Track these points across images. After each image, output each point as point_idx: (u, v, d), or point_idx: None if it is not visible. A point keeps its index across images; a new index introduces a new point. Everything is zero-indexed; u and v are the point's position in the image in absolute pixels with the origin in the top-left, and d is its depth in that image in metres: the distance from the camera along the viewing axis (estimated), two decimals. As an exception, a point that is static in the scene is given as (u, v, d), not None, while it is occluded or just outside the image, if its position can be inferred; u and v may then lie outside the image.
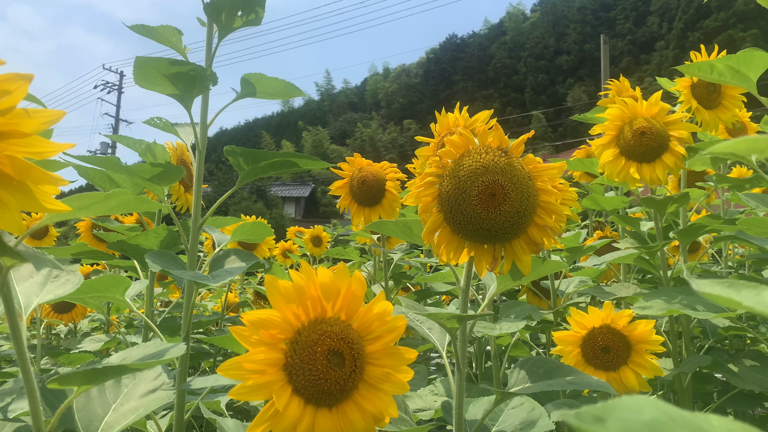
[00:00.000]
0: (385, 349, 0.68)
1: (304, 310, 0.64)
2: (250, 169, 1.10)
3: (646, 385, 1.17)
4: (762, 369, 1.62)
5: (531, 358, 1.00)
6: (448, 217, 0.92)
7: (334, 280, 0.65)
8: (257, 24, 1.14)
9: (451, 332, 0.95)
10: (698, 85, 1.74)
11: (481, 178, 0.89)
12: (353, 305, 0.67)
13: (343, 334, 0.65)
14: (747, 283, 0.39)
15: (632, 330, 1.16)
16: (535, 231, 0.94)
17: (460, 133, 0.93)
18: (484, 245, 0.94)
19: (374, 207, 1.81)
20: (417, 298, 2.07)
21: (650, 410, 0.28)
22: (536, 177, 0.95)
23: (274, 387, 0.61)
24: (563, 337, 1.19)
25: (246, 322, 0.61)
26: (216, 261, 1.09)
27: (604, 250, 2.19)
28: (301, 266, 0.70)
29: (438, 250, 0.94)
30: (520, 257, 0.94)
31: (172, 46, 1.11)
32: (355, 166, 1.83)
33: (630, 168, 1.46)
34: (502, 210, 0.89)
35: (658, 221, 1.56)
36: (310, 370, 0.62)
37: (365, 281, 0.68)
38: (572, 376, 0.91)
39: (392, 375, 0.68)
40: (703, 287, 0.38)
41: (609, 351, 1.16)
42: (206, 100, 1.13)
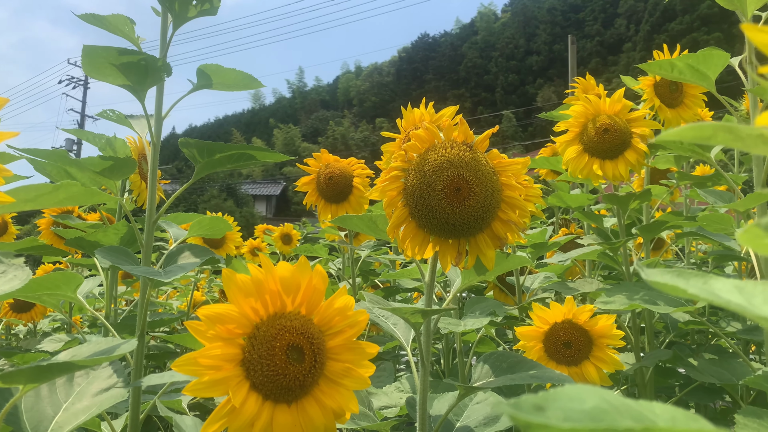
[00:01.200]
0: (346, 344, 0.68)
1: (262, 305, 0.63)
2: (206, 161, 1.08)
3: (607, 379, 1.19)
4: (720, 362, 1.66)
5: (495, 353, 1.00)
6: (414, 211, 0.92)
7: (295, 274, 0.64)
8: (213, 14, 1.12)
9: (415, 327, 0.94)
10: (661, 84, 1.78)
11: (446, 172, 0.89)
12: (314, 300, 0.66)
13: (303, 328, 0.64)
14: (697, 273, 0.40)
15: (593, 325, 1.17)
16: (499, 226, 0.94)
17: (425, 128, 0.93)
18: (449, 240, 0.94)
19: (341, 203, 1.80)
20: (385, 295, 2.06)
21: (592, 399, 0.27)
22: (501, 172, 0.95)
23: (230, 383, 0.59)
24: (526, 332, 1.20)
25: (202, 316, 0.59)
26: (170, 257, 1.07)
27: (569, 247, 2.22)
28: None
29: (403, 244, 0.94)
30: (484, 252, 0.94)
31: (124, 36, 1.08)
32: (322, 162, 1.81)
33: (593, 165, 1.48)
34: (467, 204, 0.89)
35: (620, 217, 1.59)
36: (269, 366, 0.61)
37: (327, 275, 0.67)
38: (534, 370, 0.91)
39: (353, 370, 0.67)
40: (653, 276, 0.38)
41: (571, 346, 1.18)
42: (161, 92, 1.10)
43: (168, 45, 1.13)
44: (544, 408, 0.26)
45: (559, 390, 0.29)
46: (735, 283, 0.38)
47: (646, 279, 0.38)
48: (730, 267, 2.61)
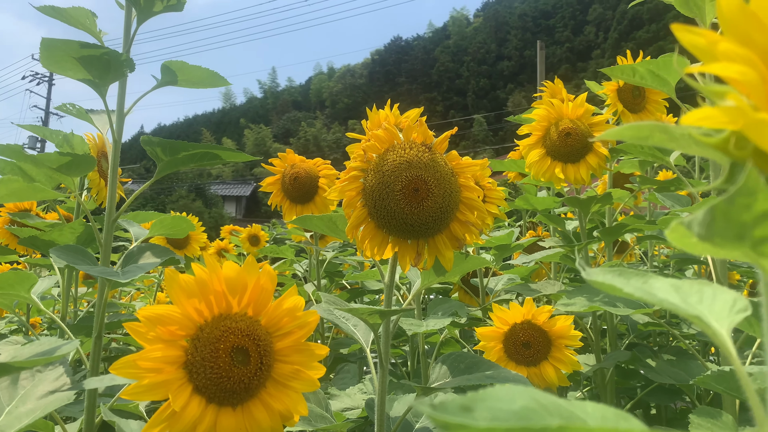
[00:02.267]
0: (295, 346, 0.66)
1: (207, 306, 0.61)
2: (169, 160, 1.06)
3: (565, 379, 1.20)
4: (678, 363, 1.69)
5: (453, 354, 1.00)
6: (372, 211, 0.91)
7: (241, 274, 0.63)
8: (179, 9, 1.09)
9: (373, 328, 0.93)
10: (624, 89, 1.80)
11: (404, 173, 0.88)
12: (261, 300, 0.65)
13: (249, 330, 0.62)
14: (638, 273, 0.40)
15: (552, 325, 1.18)
16: (457, 227, 0.94)
17: (385, 128, 0.92)
18: (407, 240, 0.94)
19: (307, 204, 1.78)
20: (351, 297, 2.05)
21: (522, 399, 0.27)
22: (459, 173, 0.95)
23: (171, 386, 0.57)
24: (486, 333, 1.20)
25: (142, 318, 0.57)
26: (129, 257, 1.04)
27: (533, 249, 2.24)
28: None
29: (362, 245, 0.93)
30: (443, 252, 0.94)
31: (86, 30, 1.05)
32: (288, 162, 1.79)
33: (555, 168, 1.50)
34: (425, 205, 0.89)
35: (582, 220, 1.60)
36: (212, 368, 0.59)
37: (275, 275, 0.66)
38: (491, 370, 0.91)
39: (302, 372, 0.66)
40: (593, 276, 0.38)
41: (530, 346, 1.18)
42: (123, 88, 1.08)
43: (132, 40, 1.11)
44: (472, 408, 0.26)
45: (489, 390, 0.28)
46: (672, 283, 0.37)
47: (586, 278, 0.38)
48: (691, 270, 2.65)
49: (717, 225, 0.22)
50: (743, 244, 0.22)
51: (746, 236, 0.22)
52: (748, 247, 0.22)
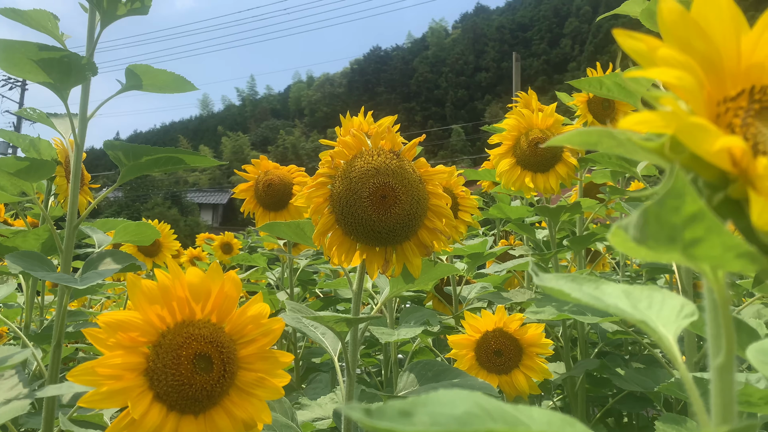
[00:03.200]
0: (259, 353, 0.66)
1: (169, 312, 0.60)
2: (132, 165, 1.04)
3: (536, 387, 1.20)
4: (646, 371, 1.71)
5: (422, 362, 1.00)
6: (340, 218, 0.91)
7: (205, 280, 0.62)
8: (144, 13, 1.09)
9: (340, 336, 0.93)
10: (594, 101, 1.83)
11: (372, 179, 0.89)
12: (226, 307, 0.64)
13: (213, 337, 0.61)
14: (591, 279, 0.40)
15: (523, 333, 1.18)
16: (425, 234, 0.94)
17: (353, 134, 0.92)
18: (375, 248, 0.94)
19: (280, 211, 1.77)
20: (324, 305, 2.04)
21: (465, 404, 0.27)
22: (427, 181, 0.95)
23: (131, 393, 0.56)
24: (458, 340, 1.20)
25: (102, 323, 0.56)
26: (90, 263, 1.02)
27: (506, 258, 2.25)
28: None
29: (330, 252, 0.93)
30: (411, 260, 0.94)
31: (47, 32, 1.03)
32: (261, 169, 1.78)
33: (525, 177, 1.51)
34: (393, 212, 0.89)
35: (552, 229, 1.62)
36: (174, 375, 0.58)
37: (240, 282, 0.65)
38: (459, 378, 0.91)
39: (266, 380, 0.65)
40: (545, 281, 0.38)
41: (501, 354, 1.19)
42: (86, 92, 1.06)
43: (95, 43, 1.09)
44: (411, 413, 0.26)
45: (432, 395, 0.28)
46: (624, 289, 0.38)
47: (537, 283, 0.38)
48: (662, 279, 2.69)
49: (650, 228, 0.22)
50: (675, 246, 0.22)
51: (677, 238, 0.22)
52: (679, 250, 0.22)
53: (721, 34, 0.28)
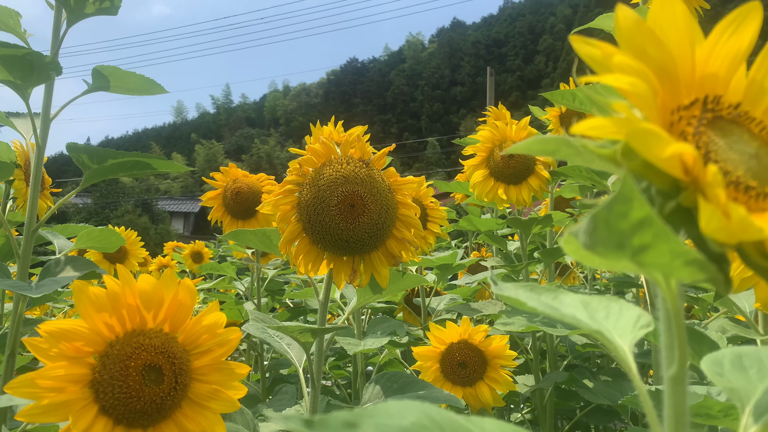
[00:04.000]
0: (214, 364, 0.63)
1: (118, 321, 0.58)
2: (96, 168, 1.01)
3: (500, 400, 1.20)
4: (613, 384, 1.72)
5: (387, 373, 0.98)
6: (307, 227, 0.89)
7: (157, 287, 0.60)
8: (113, 13, 1.06)
9: (305, 347, 0.91)
10: (567, 115, 1.85)
11: (340, 188, 0.87)
12: (179, 316, 0.62)
13: (164, 347, 0.59)
14: (550, 289, 0.39)
15: (488, 345, 1.18)
16: (393, 244, 0.93)
17: (322, 142, 0.91)
18: (343, 257, 0.92)
19: (249, 220, 1.75)
20: (291, 316, 2.01)
21: (413, 415, 0.26)
22: (397, 190, 0.94)
23: (74, 407, 0.54)
24: (423, 352, 1.19)
25: (43, 332, 0.54)
26: (47, 270, 0.99)
27: (477, 269, 2.26)
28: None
29: (296, 260, 0.91)
30: (379, 270, 0.93)
31: (9, 30, 1.00)
32: (230, 177, 1.75)
33: (498, 189, 1.52)
34: (361, 221, 0.88)
35: (523, 241, 1.63)
36: (121, 387, 0.56)
37: (195, 290, 0.63)
38: (424, 390, 0.90)
39: (221, 392, 0.63)
40: (503, 290, 0.37)
41: (466, 366, 1.18)
42: (50, 92, 1.03)
43: (61, 42, 1.07)
44: (357, 425, 0.24)
45: (380, 406, 0.27)
46: (582, 299, 0.37)
47: (496, 292, 0.38)
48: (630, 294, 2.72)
49: (599, 234, 0.22)
50: (624, 253, 0.22)
51: (626, 245, 0.21)
52: (628, 257, 0.22)
53: (676, 44, 0.28)
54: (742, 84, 0.29)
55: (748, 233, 0.21)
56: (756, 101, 0.30)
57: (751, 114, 0.29)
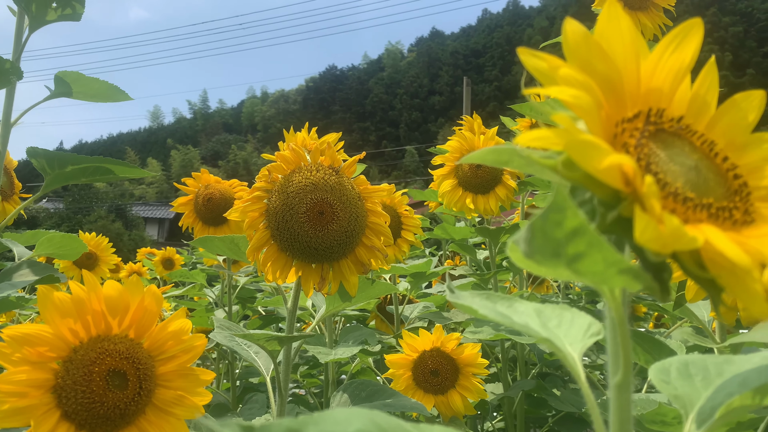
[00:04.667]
0: (179, 371, 0.63)
1: (83, 326, 0.57)
2: (56, 174, 1.00)
3: (471, 408, 1.21)
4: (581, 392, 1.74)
5: (356, 382, 0.98)
6: (275, 234, 0.89)
7: (123, 293, 0.59)
8: (76, 20, 1.06)
9: (272, 355, 0.91)
10: (537, 126, 1.88)
11: (310, 195, 0.88)
12: (145, 322, 0.61)
13: (129, 352, 0.59)
14: (506, 297, 0.40)
15: (460, 353, 1.19)
16: (363, 251, 0.94)
17: (291, 149, 0.91)
18: (311, 264, 0.92)
19: (220, 227, 1.73)
20: (263, 324, 2.00)
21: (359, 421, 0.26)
22: (367, 198, 0.95)
23: (35, 412, 0.53)
24: (395, 360, 1.20)
25: (6, 337, 0.53)
26: (5, 274, 0.97)
27: (451, 278, 2.27)
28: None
29: (264, 267, 0.91)
30: (348, 278, 0.93)
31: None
32: (202, 182, 1.74)
33: (466, 198, 1.53)
34: (330, 229, 0.88)
35: (492, 250, 1.64)
36: (84, 393, 0.55)
37: (161, 296, 0.62)
38: (391, 399, 0.90)
39: (186, 398, 0.63)
40: (458, 298, 0.38)
41: (438, 374, 1.18)
42: (11, 97, 1.02)
43: (23, 47, 1.05)
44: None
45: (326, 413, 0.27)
46: (536, 307, 0.38)
47: (450, 300, 0.38)
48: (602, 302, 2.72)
49: (536, 242, 0.22)
50: (560, 261, 0.22)
51: (561, 253, 0.22)
52: (564, 265, 0.22)
53: (622, 58, 0.29)
54: (686, 98, 0.30)
55: (681, 243, 0.22)
56: (699, 115, 0.31)
57: (693, 127, 0.30)
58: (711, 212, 0.25)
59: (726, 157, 0.29)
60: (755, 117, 0.31)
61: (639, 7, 1.53)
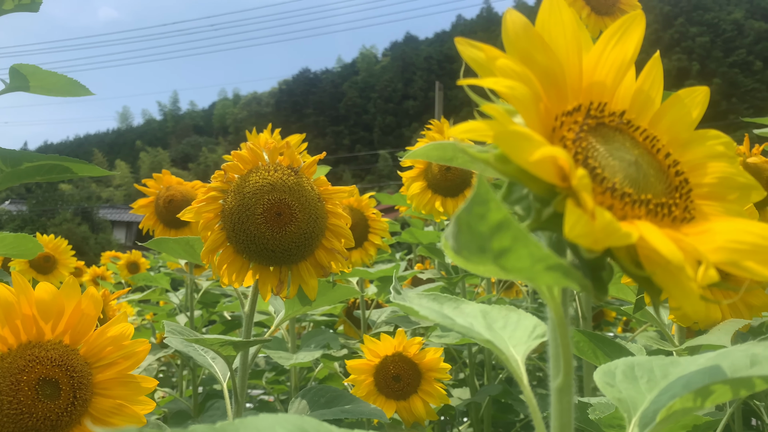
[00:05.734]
0: (119, 378, 0.60)
1: (12, 332, 0.54)
2: (10, 172, 0.96)
3: (433, 413, 1.19)
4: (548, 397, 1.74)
5: (314, 388, 0.96)
6: (231, 235, 0.87)
7: (58, 297, 0.56)
8: (34, 10, 1.02)
9: (228, 361, 0.88)
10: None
11: (267, 196, 0.85)
12: (82, 327, 0.58)
13: (63, 360, 0.55)
14: (454, 298, 0.39)
15: (422, 358, 1.17)
16: (322, 254, 0.92)
17: (248, 148, 0.89)
18: (269, 267, 0.90)
19: (182, 229, 1.69)
20: (226, 329, 1.96)
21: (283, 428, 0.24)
22: (327, 199, 0.93)
23: (-44, 425, 0.49)
24: (356, 366, 1.18)
25: (-76, 345, 0.49)
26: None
27: (418, 282, 2.26)
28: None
29: (219, 270, 0.88)
30: (307, 281, 0.91)
31: None
32: (163, 184, 1.70)
33: (435, 201, 1.52)
34: (288, 230, 0.86)
35: (459, 254, 1.64)
36: (11, 403, 0.52)
37: (100, 299, 0.59)
38: (350, 405, 0.88)
39: (126, 407, 0.60)
40: (398, 299, 0.36)
41: (400, 379, 1.17)
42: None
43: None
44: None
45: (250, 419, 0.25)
46: (482, 308, 0.37)
47: (394, 301, 0.37)
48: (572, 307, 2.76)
49: (462, 237, 0.21)
50: (486, 257, 0.21)
51: (487, 249, 0.21)
52: (491, 261, 0.21)
53: (564, 50, 0.28)
54: (630, 93, 0.29)
55: (613, 238, 0.20)
56: (642, 110, 0.30)
57: (636, 122, 0.29)
58: (649, 208, 0.24)
59: (668, 153, 0.28)
60: (699, 113, 0.30)
61: (606, 11, 1.54)
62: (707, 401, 0.28)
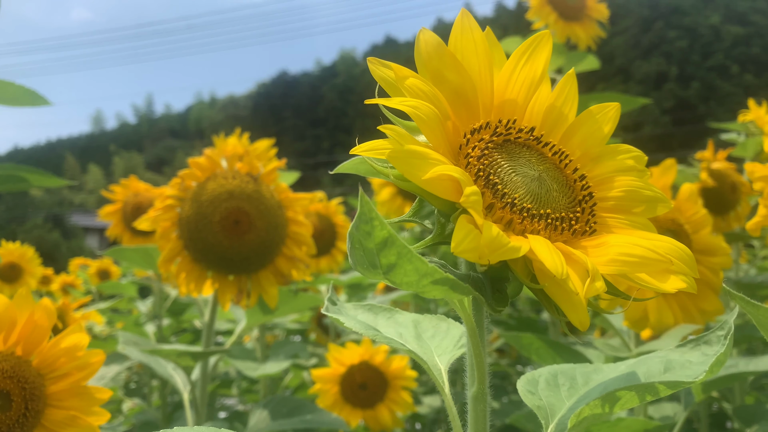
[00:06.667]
0: (72, 389, 0.60)
1: (-43, 345, 0.53)
2: (-35, 182, 0.94)
3: (400, 422, 1.20)
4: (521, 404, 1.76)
5: (276, 397, 0.96)
6: (188, 244, 0.87)
7: (9, 308, 0.56)
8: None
9: (186, 371, 0.87)
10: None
11: (224, 203, 0.85)
12: (34, 338, 0.58)
13: (14, 371, 0.55)
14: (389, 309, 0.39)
15: (388, 366, 1.18)
16: (283, 262, 0.92)
17: (206, 155, 0.89)
18: (228, 276, 0.90)
19: (150, 237, 1.67)
20: (194, 338, 1.94)
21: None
22: (288, 207, 0.93)
23: None
24: (322, 375, 1.18)
25: None
26: None
27: (391, 288, 2.26)
28: None
29: (178, 279, 0.88)
30: (267, 290, 0.91)
31: None
32: (131, 190, 1.68)
33: (405, 207, 1.54)
34: (247, 239, 0.86)
35: (428, 259, 1.65)
36: (-44, 417, 0.51)
37: (54, 310, 0.59)
38: (312, 414, 0.89)
39: (79, 418, 0.59)
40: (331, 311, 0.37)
41: (366, 388, 1.17)
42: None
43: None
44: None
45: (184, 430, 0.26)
46: (414, 318, 0.38)
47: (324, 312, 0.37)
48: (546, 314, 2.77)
49: (356, 253, 0.22)
50: (377, 272, 0.22)
51: (377, 264, 0.21)
52: (381, 276, 0.22)
53: (477, 69, 0.29)
54: (542, 109, 0.31)
55: (500, 252, 0.21)
56: (555, 126, 0.31)
57: (546, 138, 0.30)
58: (548, 222, 0.25)
59: (576, 167, 0.29)
60: (610, 128, 0.31)
61: (574, 17, 1.56)
62: (615, 407, 0.29)
